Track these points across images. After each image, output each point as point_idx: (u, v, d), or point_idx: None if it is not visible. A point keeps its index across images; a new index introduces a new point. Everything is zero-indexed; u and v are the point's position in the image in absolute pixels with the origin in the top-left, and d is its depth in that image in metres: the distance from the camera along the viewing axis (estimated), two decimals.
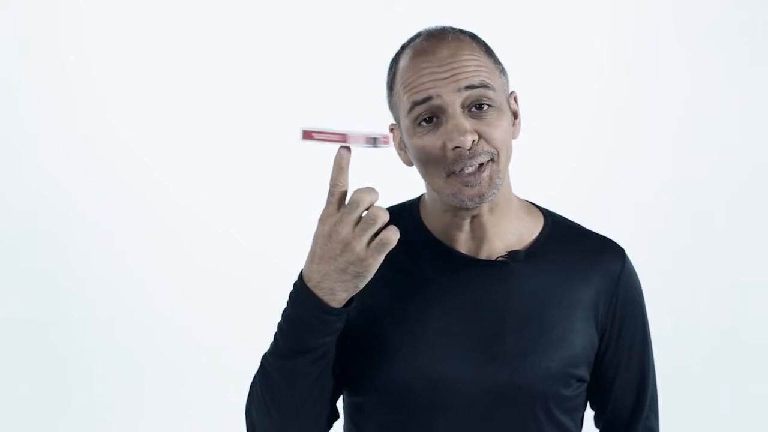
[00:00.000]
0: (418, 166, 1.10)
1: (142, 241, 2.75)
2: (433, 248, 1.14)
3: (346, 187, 0.95)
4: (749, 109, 2.68)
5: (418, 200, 1.21)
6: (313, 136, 0.95)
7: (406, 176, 1.19)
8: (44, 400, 2.69)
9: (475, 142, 1.03)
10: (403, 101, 1.07)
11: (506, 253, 1.13)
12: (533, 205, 1.22)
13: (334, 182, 0.95)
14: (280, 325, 1.03)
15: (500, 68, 1.10)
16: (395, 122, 1.13)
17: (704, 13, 2.66)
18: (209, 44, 2.71)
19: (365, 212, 0.94)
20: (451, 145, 1.03)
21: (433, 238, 1.15)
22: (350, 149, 0.95)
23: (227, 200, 2.74)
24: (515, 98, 1.12)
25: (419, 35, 1.11)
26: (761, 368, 2.66)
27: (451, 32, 1.08)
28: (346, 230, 0.93)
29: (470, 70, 1.03)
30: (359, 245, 0.93)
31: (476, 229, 1.13)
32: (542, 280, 1.13)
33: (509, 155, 1.08)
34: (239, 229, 2.74)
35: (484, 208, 1.10)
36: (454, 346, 1.09)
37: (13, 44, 2.67)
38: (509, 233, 1.14)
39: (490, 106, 1.04)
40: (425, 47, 1.06)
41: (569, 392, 1.12)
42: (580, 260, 1.16)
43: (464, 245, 1.14)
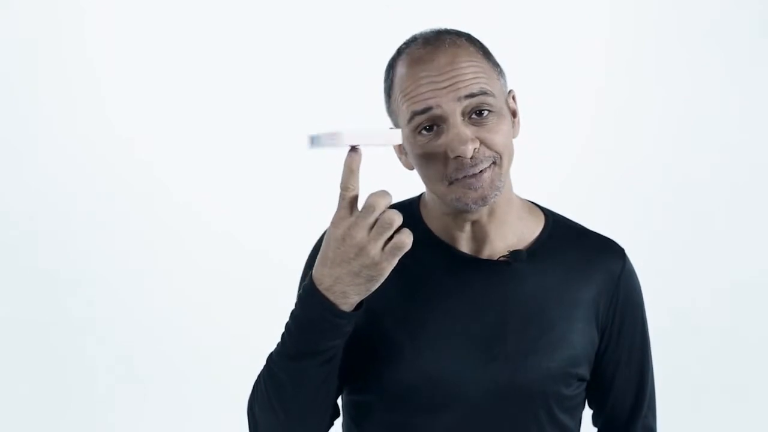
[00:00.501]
0: (419, 171, 1.10)
1: (142, 241, 2.75)
2: (434, 247, 1.14)
3: (357, 190, 0.93)
4: (749, 109, 2.69)
5: (418, 199, 1.20)
6: (321, 141, 0.91)
7: (406, 175, 1.18)
8: (44, 400, 2.69)
9: (476, 149, 1.03)
10: (402, 110, 1.06)
11: (508, 253, 1.13)
12: (534, 204, 1.22)
13: (345, 185, 0.93)
14: (288, 326, 1.02)
15: (498, 70, 1.10)
16: (393, 126, 1.13)
17: (704, 13, 2.66)
18: (209, 44, 2.71)
19: (380, 216, 0.92)
20: (452, 154, 1.03)
21: (434, 237, 1.15)
22: (360, 151, 0.92)
23: (227, 200, 2.74)
24: (513, 97, 1.12)
25: (415, 40, 1.09)
26: (761, 368, 2.66)
27: (447, 37, 1.07)
28: (361, 234, 0.92)
29: (469, 77, 1.03)
30: (374, 249, 0.92)
31: (477, 230, 1.13)
32: (543, 280, 1.13)
33: (511, 157, 1.08)
34: (239, 229, 2.74)
35: (483, 211, 1.10)
36: (455, 346, 1.09)
37: (13, 44, 2.67)
38: (510, 233, 1.14)
39: (490, 111, 1.04)
40: (422, 55, 1.05)
41: (570, 391, 1.13)
42: (580, 260, 1.16)
43: (466, 245, 1.14)
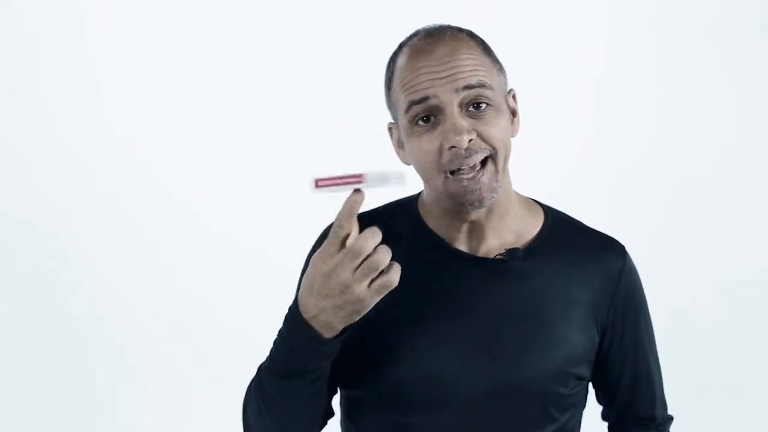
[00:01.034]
0: (415, 166, 1.10)
1: (142, 241, 2.75)
2: (432, 246, 1.14)
3: (350, 230, 0.93)
4: (749, 109, 2.68)
5: (417, 197, 1.20)
6: (326, 184, 0.91)
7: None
8: (44, 400, 2.69)
9: (472, 141, 1.03)
10: (400, 100, 1.06)
11: (505, 251, 1.12)
12: (535, 202, 1.21)
13: (340, 224, 0.92)
14: (276, 343, 1.02)
15: (498, 66, 1.10)
16: (393, 121, 1.13)
17: (704, 13, 2.66)
18: (209, 44, 2.71)
19: (367, 258, 0.92)
20: (447, 144, 1.02)
21: (432, 235, 1.15)
22: (363, 193, 0.92)
23: (227, 200, 2.74)
24: (513, 96, 1.12)
25: (417, 34, 1.10)
26: (761, 368, 2.66)
27: (449, 30, 1.08)
28: (346, 274, 0.91)
29: (468, 69, 1.03)
30: (359, 288, 0.92)
31: (475, 228, 1.13)
32: (541, 278, 1.12)
33: (508, 154, 1.08)
34: (239, 229, 2.74)
35: (481, 210, 1.10)
36: (452, 345, 1.09)
37: (13, 44, 2.67)
38: (508, 231, 1.14)
39: (488, 105, 1.04)
40: (423, 46, 1.06)
41: (568, 391, 1.12)
42: (580, 258, 1.15)
43: (463, 243, 1.14)
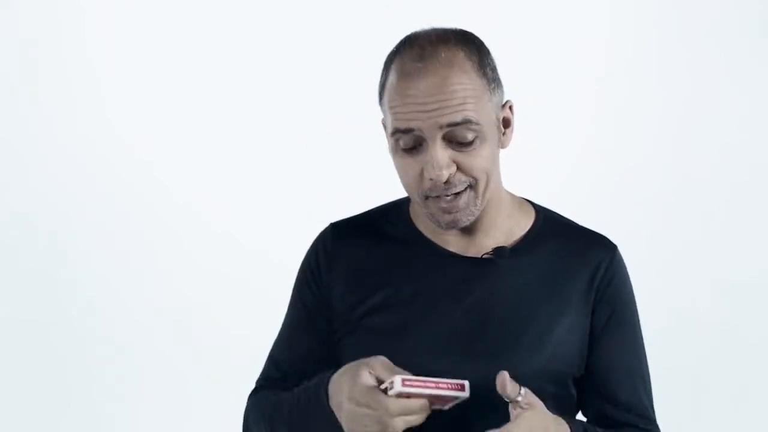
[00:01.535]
0: (399, 177, 1.11)
1: (142, 241, 2.75)
2: (421, 246, 1.16)
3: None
4: (749, 109, 2.68)
5: (408, 199, 1.21)
6: (414, 385, 0.96)
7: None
8: (44, 399, 2.69)
9: (451, 175, 1.03)
10: (388, 119, 1.07)
11: (491, 249, 1.13)
12: (527, 201, 1.22)
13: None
14: (292, 406, 1.09)
15: (492, 86, 1.07)
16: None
17: (704, 13, 2.66)
18: (209, 44, 2.71)
19: None
20: (427, 175, 1.04)
21: (421, 236, 1.17)
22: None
23: (227, 200, 2.74)
24: (510, 107, 1.11)
25: (413, 44, 1.06)
26: (761, 368, 2.66)
27: (443, 50, 1.04)
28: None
29: (455, 104, 1.01)
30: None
31: (464, 229, 1.13)
32: (528, 276, 1.13)
33: (491, 180, 1.08)
34: (239, 229, 2.74)
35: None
36: (439, 344, 1.10)
37: (13, 44, 2.67)
38: (498, 231, 1.15)
39: (472, 139, 1.04)
40: (413, 71, 1.03)
41: (555, 389, 1.11)
42: (568, 255, 1.16)
43: (453, 243, 1.15)
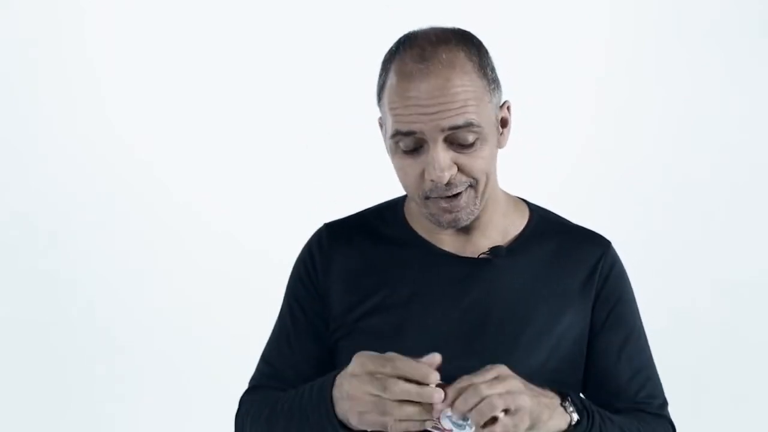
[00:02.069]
0: (398, 178, 1.11)
1: (142, 241, 2.75)
2: (417, 247, 1.16)
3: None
4: (749, 109, 2.69)
5: (403, 199, 1.22)
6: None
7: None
8: (44, 399, 2.69)
9: (452, 176, 1.03)
10: (388, 120, 1.06)
11: (488, 249, 1.14)
12: (522, 200, 1.23)
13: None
14: (293, 405, 1.06)
15: (492, 86, 1.07)
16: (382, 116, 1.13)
17: (704, 13, 2.66)
18: (209, 45, 2.71)
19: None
20: (428, 177, 1.04)
21: (417, 236, 1.17)
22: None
23: (227, 200, 2.74)
24: (508, 107, 1.12)
25: (412, 44, 1.05)
26: (761, 368, 2.66)
27: (444, 51, 1.02)
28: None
29: (457, 107, 1.01)
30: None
31: (460, 229, 1.14)
32: (525, 275, 1.14)
33: (490, 180, 1.08)
34: (239, 229, 2.74)
35: None
36: (437, 344, 1.09)
37: (13, 44, 2.67)
38: (494, 230, 1.16)
39: (473, 141, 1.04)
40: (414, 72, 1.02)
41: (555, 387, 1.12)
42: (563, 253, 1.16)
43: (449, 243, 1.15)
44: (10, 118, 2.69)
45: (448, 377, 1.07)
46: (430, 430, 0.93)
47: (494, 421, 0.91)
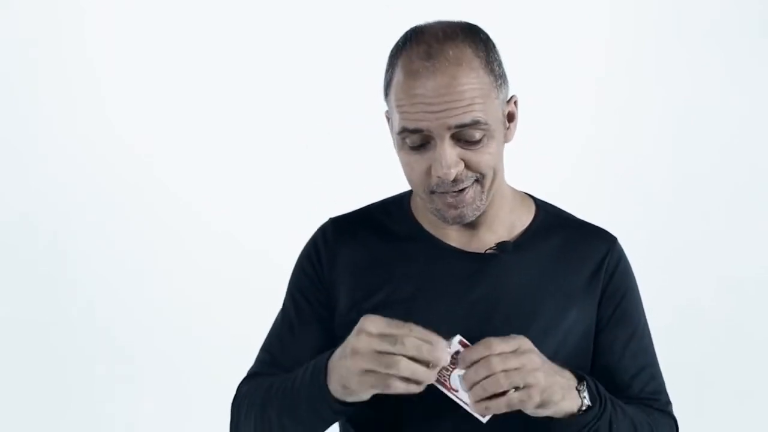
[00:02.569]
0: (404, 173, 1.10)
1: (142, 241, 2.75)
2: (423, 242, 1.16)
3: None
4: (749, 109, 2.69)
5: (409, 194, 1.21)
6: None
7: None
8: (44, 399, 2.69)
9: (459, 172, 1.03)
10: (394, 116, 1.06)
11: (494, 244, 1.13)
12: (528, 196, 1.23)
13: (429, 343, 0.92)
14: (287, 386, 1.05)
15: (499, 82, 1.06)
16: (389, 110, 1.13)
17: (704, 13, 2.66)
18: (209, 44, 2.71)
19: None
20: (434, 173, 1.04)
21: (423, 231, 1.17)
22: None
23: (227, 200, 2.74)
24: (515, 102, 1.11)
25: (419, 40, 1.04)
26: (765, 365, 2.66)
27: (451, 47, 1.01)
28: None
29: (464, 104, 1.00)
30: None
31: (466, 224, 1.13)
32: (531, 271, 1.13)
33: (497, 175, 1.08)
34: (239, 229, 2.74)
35: None
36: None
37: (13, 44, 2.67)
38: (500, 225, 1.16)
39: (480, 137, 1.04)
40: (421, 69, 1.01)
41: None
42: (570, 249, 1.16)
43: (455, 238, 1.15)
44: (10, 118, 2.69)
45: None
46: (435, 383, 0.94)
47: (504, 392, 0.92)
